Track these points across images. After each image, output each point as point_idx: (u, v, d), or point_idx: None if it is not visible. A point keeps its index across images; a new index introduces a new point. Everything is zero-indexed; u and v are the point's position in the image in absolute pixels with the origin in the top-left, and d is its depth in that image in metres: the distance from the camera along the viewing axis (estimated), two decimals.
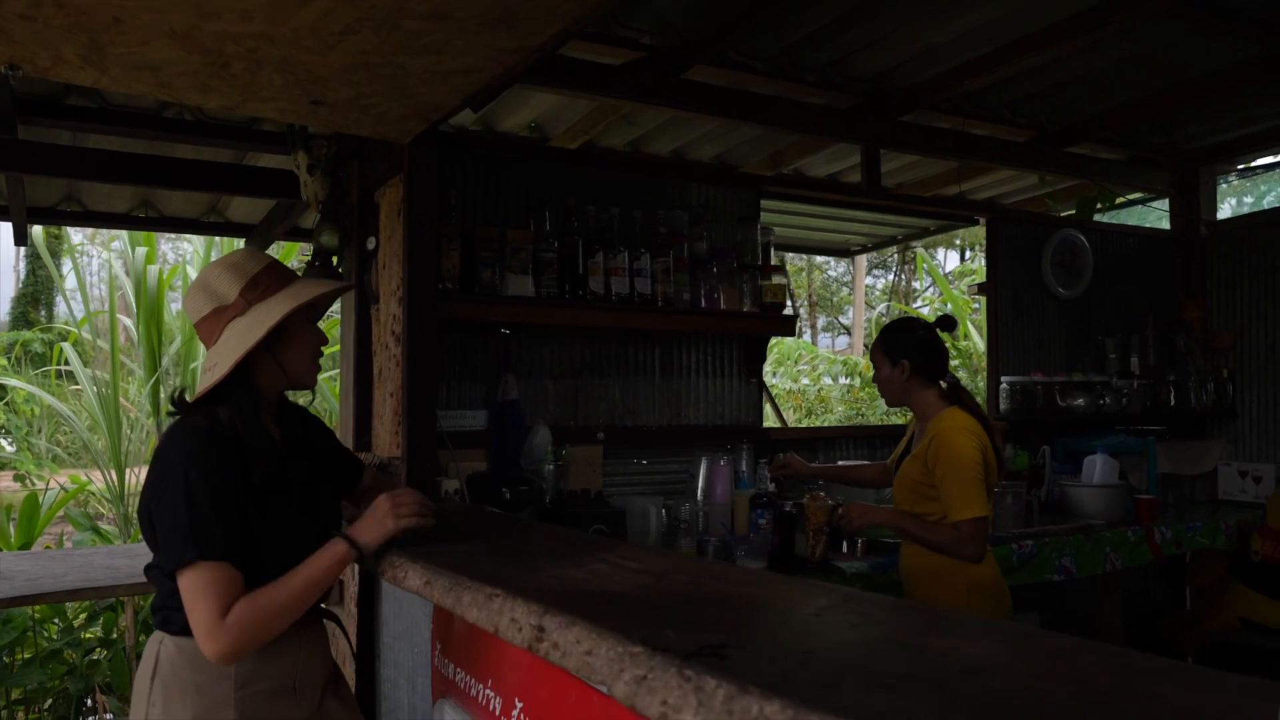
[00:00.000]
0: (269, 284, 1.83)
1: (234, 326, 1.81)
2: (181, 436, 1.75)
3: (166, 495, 1.68)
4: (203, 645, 1.64)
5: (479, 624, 1.48)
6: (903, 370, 2.82)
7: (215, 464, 1.70)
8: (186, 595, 1.65)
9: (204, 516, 1.65)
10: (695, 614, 1.30)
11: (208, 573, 1.64)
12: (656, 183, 3.75)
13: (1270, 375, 5.00)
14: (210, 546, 1.64)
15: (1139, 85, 4.32)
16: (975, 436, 2.71)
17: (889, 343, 2.87)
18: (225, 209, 4.36)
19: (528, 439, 3.18)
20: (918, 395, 2.83)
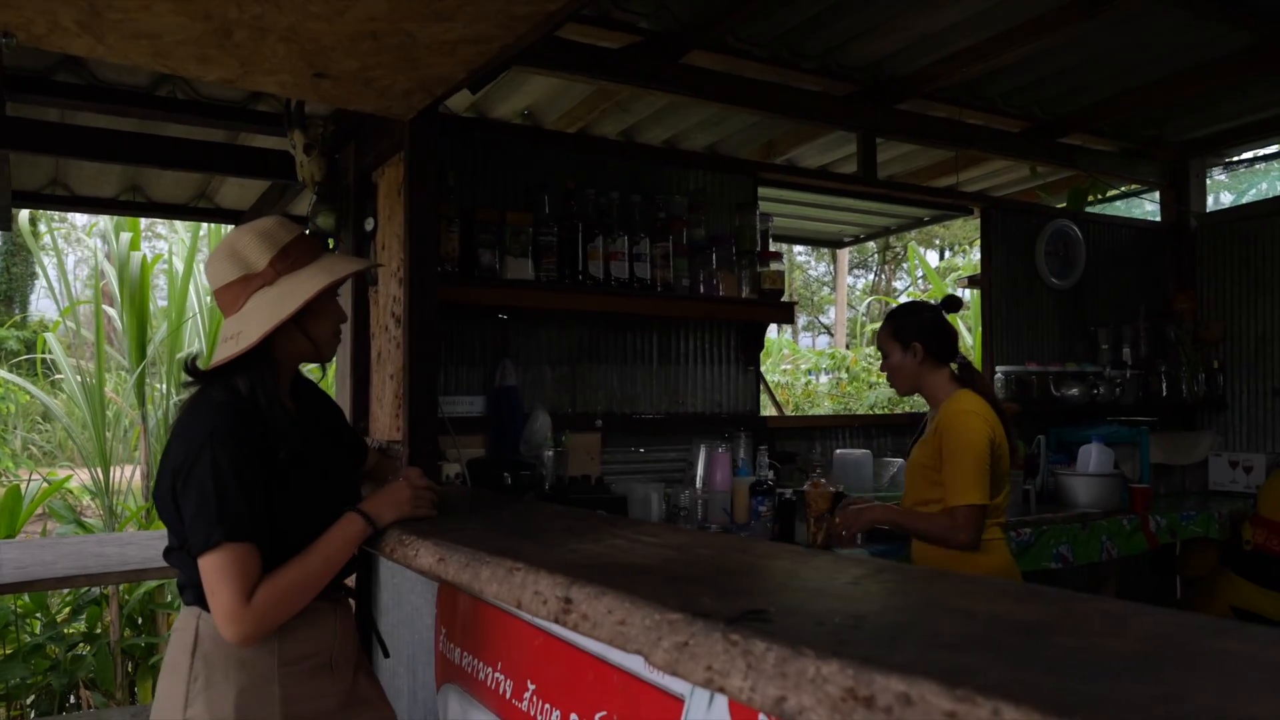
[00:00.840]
0: (299, 255, 1.80)
1: (262, 295, 1.77)
2: (205, 411, 1.70)
3: (193, 474, 1.63)
4: (224, 627, 1.61)
5: (499, 599, 1.44)
6: (915, 354, 2.77)
7: (241, 441, 1.66)
8: (209, 577, 1.61)
9: (231, 496, 1.62)
10: (728, 583, 1.27)
11: (233, 554, 1.61)
12: (653, 168, 3.71)
13: (1260, 366, 5.03)
14: (237, 528, 1.61)
15: (1132, 75, 4.33)
16: (984, 420, 2.66)
17: (899, 326, 2.81)
18: (214, 194, 4.29)
19: (527, 425, 3.14)
20: (930, 379, 2.78)
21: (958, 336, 2.90)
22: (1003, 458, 2.72)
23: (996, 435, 2.68)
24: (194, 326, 5.80)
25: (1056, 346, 4.91)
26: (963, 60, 3.90)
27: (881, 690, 0.82)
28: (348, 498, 1.91)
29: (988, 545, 2.71)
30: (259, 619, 1.62)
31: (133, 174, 4.00)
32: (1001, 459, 2.71)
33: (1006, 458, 2.74)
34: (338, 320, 1.89)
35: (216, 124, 3.07)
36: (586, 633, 1.23)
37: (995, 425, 2.70)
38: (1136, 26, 3.82)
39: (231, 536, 1.59)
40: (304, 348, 1.84)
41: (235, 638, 1.62)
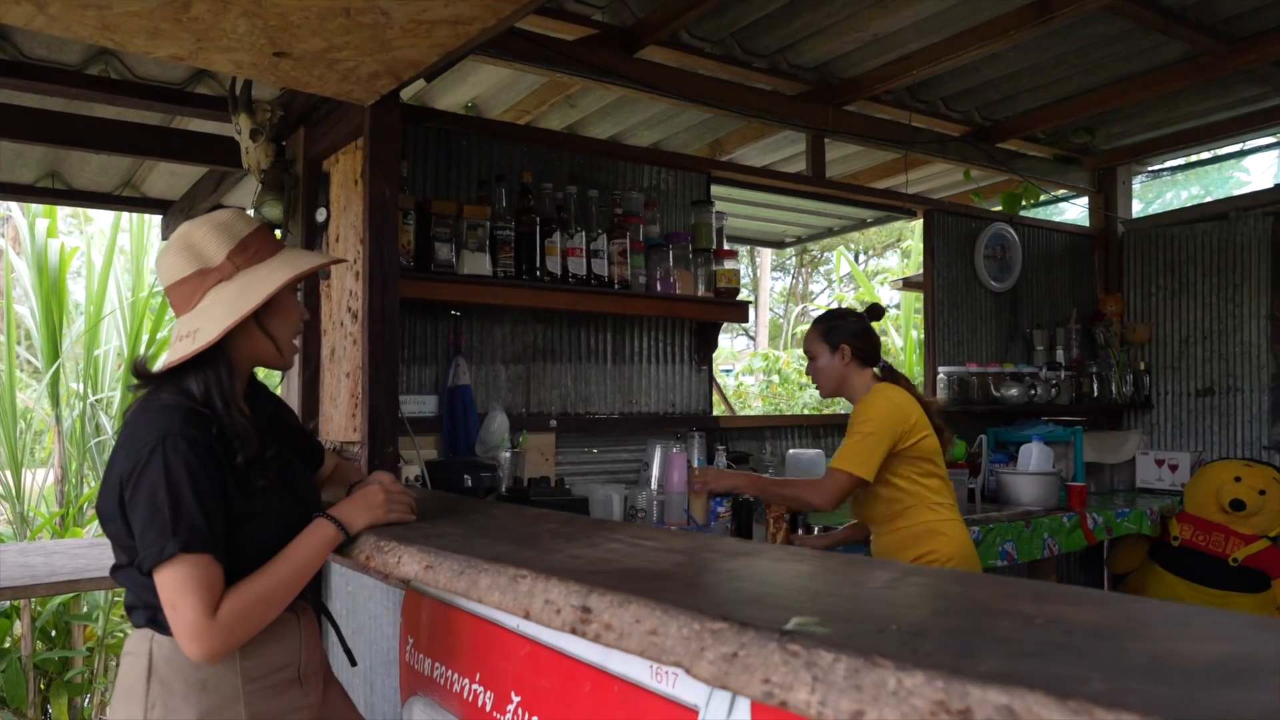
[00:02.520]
0: (259, 248, 1.68)
1: (219, 291, 1.64)
2: (155, 415, 1.57)
3: (142, 482, 1.51)
4: (187, 646, 1.48)
5: (503, 609, 1.35)
6: (843, 356, 2.85)
7: (194, 444, 1.54)
8: (166, 592, 1.48)
9: (185, 505, 1.49)
10: (754, 589, 1.21)
11: (191, 568, 1.48)
12: (607, 164, 3.65)
13: (1183, 368, 5.21)
14: (193, 538, 1.48)
15: (1069, 83, 4.44)
16: (891, 402, 2.73)
17: (828, 329, 2.89)
18: (141, 182, 4.06)
19: (483, 425, 3.04)
20: (854, 381, 2.86)
21: (880, 343, 2.95)
22: (927, 441, 2.75)
23: (913, 419, 2.73)
24: (113, 323, 5.49)
25: (994, 348, 5.00)
26: (915, 62, 3.94)
27: (979, 703, 0.77)
28: (310, 504, 1.80)
29: (943, 527, 2.74)
30: (226, 634, 1.50)
31: (53, 159, 3.76)
32: (926, 443, 2.75)
33: (933, 443, 2.78)
34: (299, 319, 1.78)
35: (153, 106, 2.88)
36: (611, 644, 1.16)
37: (911, 410, 2.75)
38: (1081, 34, 3.90)
39: (187, 547, 1.47)
40: (264, 348, 1.72)
41: (201, 655, 1.49)
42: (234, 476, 1.60)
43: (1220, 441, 5.06)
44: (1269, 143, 6.25)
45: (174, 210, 4.22)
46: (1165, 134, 5.18)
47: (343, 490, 2.02)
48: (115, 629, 4.64)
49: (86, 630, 4.65)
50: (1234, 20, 3.85)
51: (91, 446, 5.14)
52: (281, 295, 1.69)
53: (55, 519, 4.92)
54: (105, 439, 5.23)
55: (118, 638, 4.67)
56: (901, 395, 2.76)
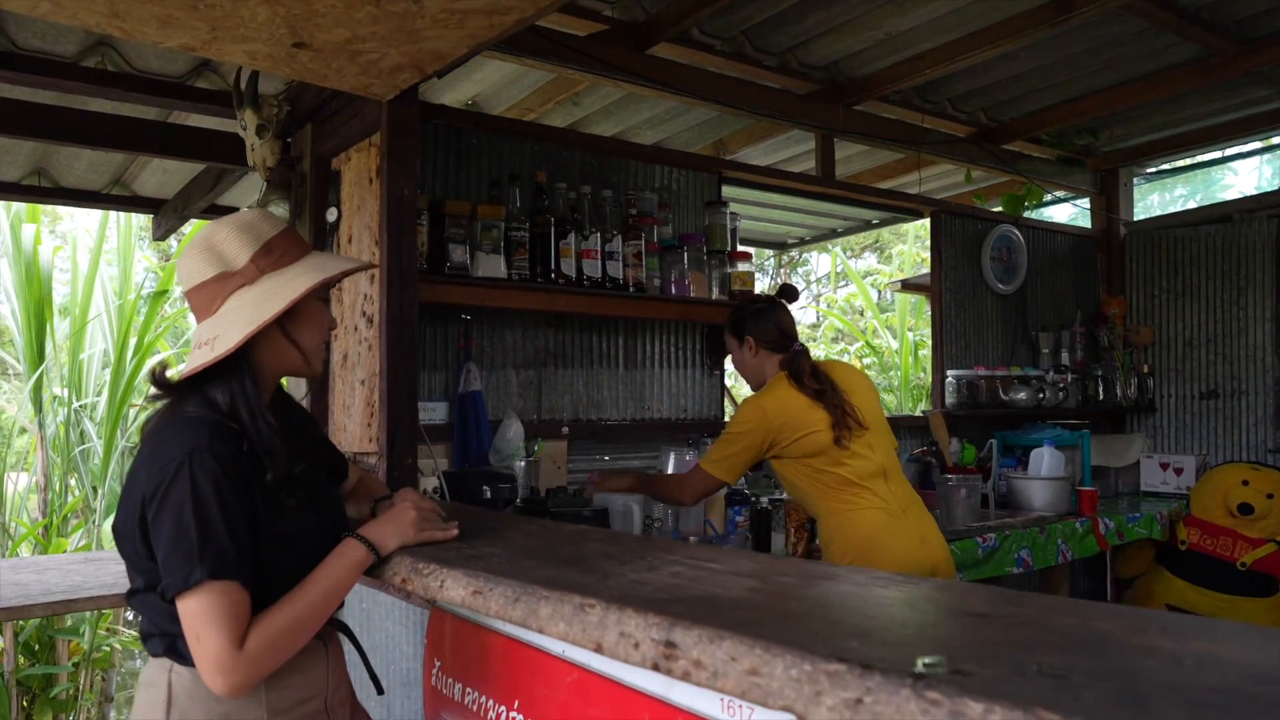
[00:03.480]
0: (285, 251, 1.58)
1: (241, 296, 1.54)
2: (181, 429, 1.46)
3: (168, 501, 1.39)
4: (212, 680, 1.38)
5: (568, 640, 1.26)
6: (750, 347, 2.79)
7: (223, 461, 1.43)
8: (191, 622, 1.37)
9: (214, 527, 1.39)
10: (858, 621, 1.12)
11: (218, 596, 1.37)
12: (617, 162, 3.55)
13: (1187, 371, 5.18)
14: (221, 564, 1.38)
15: (1077, 84, 4.40)
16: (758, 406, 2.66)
17: (732, 323, 2.84)
18: (132, 180, 3.91)
19: (498, 432, 2.94)
20: (767, 369, 2.79)
21: (792, 324, 2.84)
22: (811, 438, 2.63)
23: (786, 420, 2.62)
24: (99, 326, 5.32)
25: (1000, 351, 4.94)
26: (928, 61, 3.87)
27: None
28: (338, 523, 1.69)
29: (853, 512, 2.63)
30: (253, 666, 1.39)
31: (40, 155, 3.61)
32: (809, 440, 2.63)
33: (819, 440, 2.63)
34: (326, 326, 1.67)
35: (151, 100, 2.75)
36: (703, 684, 1.06)
37: (789, 410, 2.64)
38: (1095, 34, 3.85)
39: (216, 574, 1.36)
40: (290, 358, 1.61)
41: (226, 690, 1.38)
42: (263, 496, 1.49)
43: (1225, 445, 5.03)
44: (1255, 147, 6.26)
45: (166, 210, 4.08)
46: (1167, 136, 5.15)
47: (367, 506, 1.91)
48: (101, 643, 4.49)
49: (71, 645, 4.49)
50: (1247, 21, 3.81)
51: (76, 455, 4.98)
52: (307, 301, 1.58)
53: (38, 530, 4.76)
54: (90, 446, 5.07)
55: (104, 652, 4.53)
56: (780, 394, 2.65)
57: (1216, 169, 10.29)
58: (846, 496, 2.65)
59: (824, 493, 2.66)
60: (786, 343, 2.79)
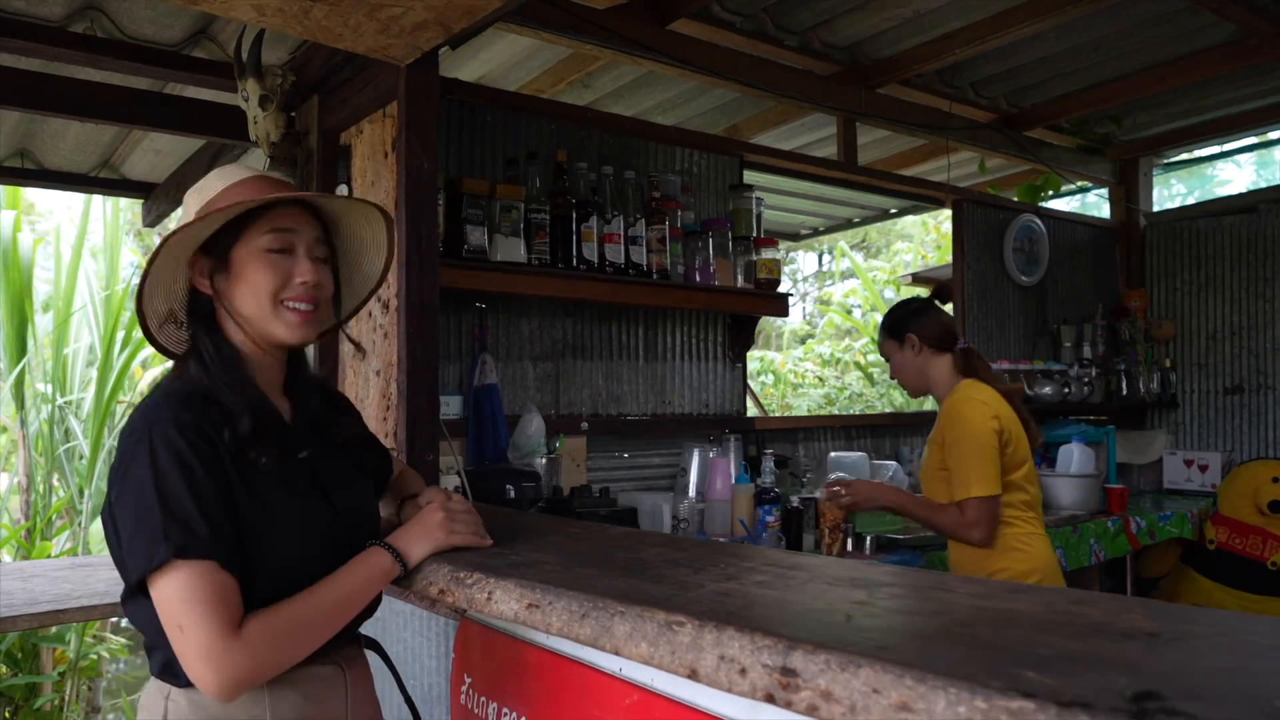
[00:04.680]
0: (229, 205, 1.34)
1: None
2: (148, 402, 1.29)
3: (128, 480, 1.20)
4: (201, 675, 1.16)
5: (653, 663, 1.08)
6: (912, 346, 2.62)
7: (186, 430, 1.23)
8: (170, 611, 1.16)
9: (178, 502, 1.18)
10: (1018, 641, 0.94)
11: (194, 577, 1.16)
12: (637, 144, 3.37)
13: (1210, 365, 5.04)
14: (191, 541, 1.16)
15: (1105, 68, 4.26)
16: (984, 406, 2.49)
17: (891, 324, 2.69)
18: (122, 162, 3.69)
19: (518, 428, 2.76)
20: (933, 371, 2.62)
21: (954, 324, 2.70)
22: (1018, 444, 2.52)
23: (1003, 422, 2.49)
24: (84, 319, 5.09)
25: (1022, 344, 4.79)
26: (957, 41, 3.71)
27: None
28: (352, 521, 1.47)
29: (1019, 541, 2.50)
30: (250, 657, 1.17)
31: (23, 135, 3.39)
32: (1016, 446, 2.52)
33: (1024, 443, 2.55)
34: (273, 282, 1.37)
35: (144, 70, 2.55)
36: (835, 718, 0.89)
37: (1001, 410, 2.51)
38: (1129, 13, 3.71)
39: (183, 552, 1.15)
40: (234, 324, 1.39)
41: (218, 688, 1.16)
42: (237, 467, 1.27)
43: (1250, 441, 4.90)
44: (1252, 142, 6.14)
45: (157, 194, 3.86)
46: (1189, 124, 5.02)
47: (394, 505, 1.72)
48: (88, 651, 4.28)
49: (56, 653, 4.27)
50: None
51: (60, 453, 4.75)
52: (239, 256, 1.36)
53: (21, 532, 4.54)
54: (76, 445, 4.85)
55: (91, 660, 4.31)
56: (988, 394, 2.51)
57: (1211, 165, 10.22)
58: (1026, 516, 2.52)
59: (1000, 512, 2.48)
60: (951, 341, 2.63)
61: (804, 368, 8.76)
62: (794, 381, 8.58)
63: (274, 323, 1.38)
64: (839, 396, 8.31)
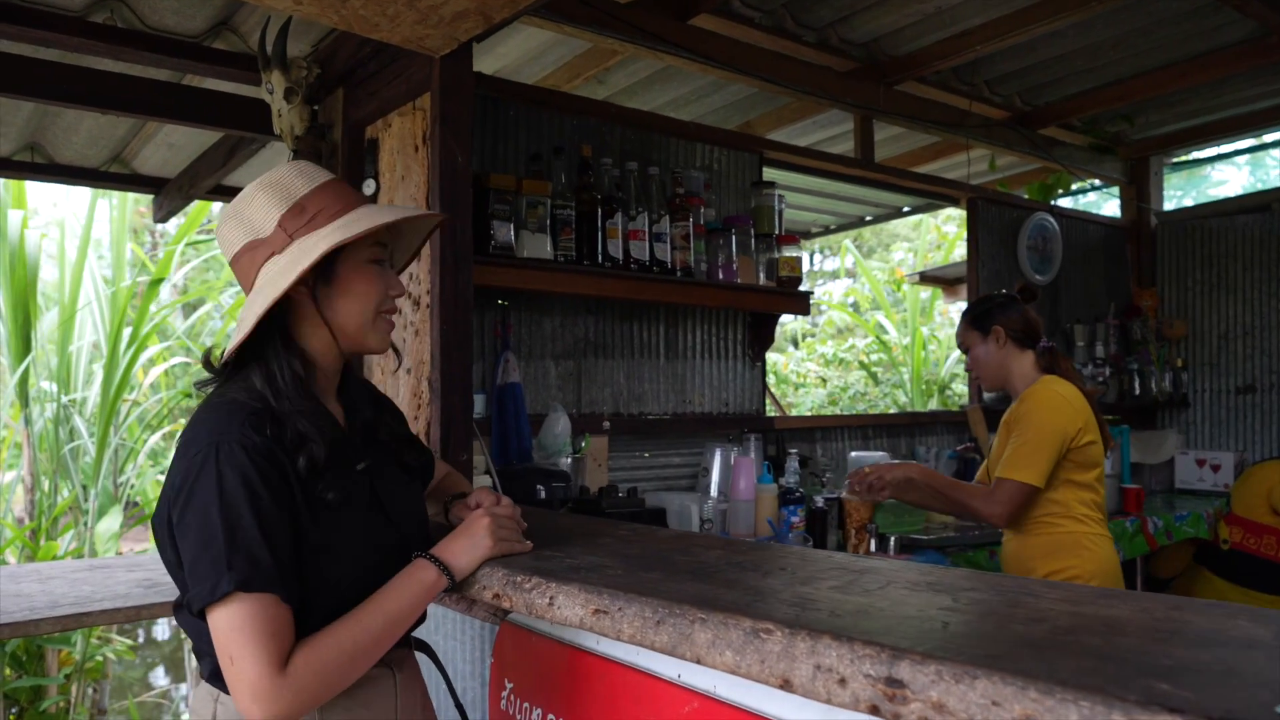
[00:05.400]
0: (321, 209, 1.32)
1: (271, 267, 1.31)
2: (211, 416, 1.23)
3: (192, 500, 1.17)
4: (247, 709, 1.13)
5: (739, 672, 1.04)
6: (997, 339, 2.59)
7: (255, 454, 1.19)
8: (223, 640, 1.14)
9: (244, 531, 1.15)
10: (1129, 651, 0.90)
11: (253, 611, 1.14)
12: (659, 139, 3.33)
13: (1222, 365, 5.02)
14: (254, 574, 1.14)
15: (1122, 65, 4.23)
16: (1069, 404, 2.46)
17: (976, 316, 2.65)
18: (133, 157, 3.63)
19: (544, 427, 2.71)
20: (1015, 366, 2.59)
21: (1039, 321, 2.66)
22: (1094, 448, 2.50)
23: (1084, 422, 2.47)
24: (88, 316, 5.02)
25: None
26: (977, 38, 3.68)
27: None
28: (407, 534, 1.43)
29: (1089, 541, 2.48)
30: (296, 695, 1.15)
31: (35, 129, 3.33)
32: (1093, 449, 2.49)
33: (1101, 447, 2.53)
34: (377, 293, 1.38)
35: (165, 62, 2.50)
36: None
37: (1084, 411, 2.49)
38: (1150, 9, 3.68)
39: (247, 585, 1.13)
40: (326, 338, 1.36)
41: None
42: (304, 493, 1.24)
43: (1262, 441, 4.88)
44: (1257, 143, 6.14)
45: (169, 189, 3.80)
46: (1200, 124, 5.00)
47: (439, 506, 1.68)
48: (94, 653, 4.22)
49: (62, 655, 4.21)
50: None
51: (65, 452, 4.68)
52: (349, 266, 1.33)
53: (26, 533, 4.47)
54: (80, 443, 4.78)
55: (97, 662, 4.26)
56: (1070, 390, 2.48)
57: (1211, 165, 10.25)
58: (1096, 518, 2.50)
59: (1070, 507, 2.46)
60: (1036, 338, 2.61)
61: (806, 368, 8.74)
62: (795, 382, 8.55)
63: (371, 333, 1.38)
64: (842, 396, 8.28)
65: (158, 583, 2.42)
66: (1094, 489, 2.52)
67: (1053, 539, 2.48)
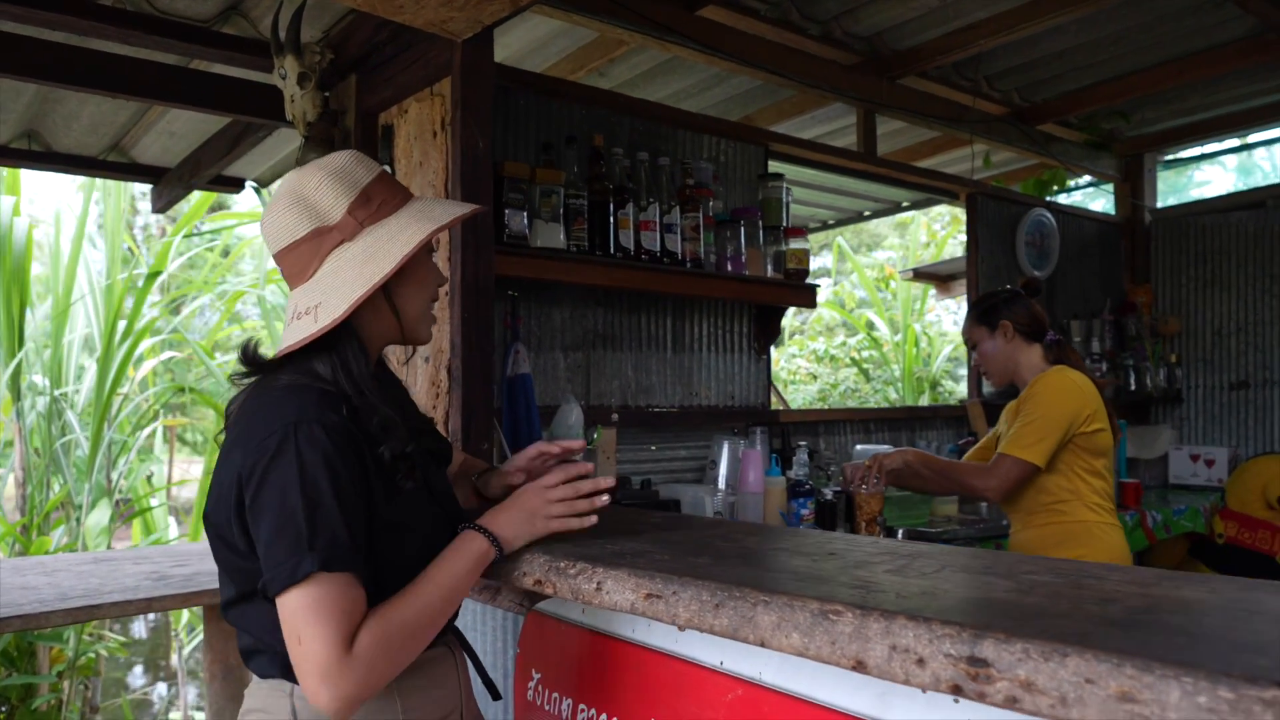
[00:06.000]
0: (384, 199, 1.33)
1: (341, 254, 1.29)
2: (282, 398, 1.22)
3: (269, 481, 1.15)
4: (315, 690, 1.12)
5: (807, 654, 1.02)
6: (1005, 333, 2.62)
7: (334, 434, 1.19)
8: (294, 620, 1.13)
9: (326, 510, 1.15)
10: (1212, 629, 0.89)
11: (329, 589, 1.13)
12: (667, 131, 3.31)
13: (1216, 361, 5.06)
14: (336, 554, 1.14)
15: (1122, 62, 4.25)
16: (1080, 390, 2.49)
17: (983, 311, 2.69)
18: (133, 145, 3.57)
19: (556, 418, 2.69)
20: (1023, 360, 2.62)
21: (1045, 315, 2.68)
22: (1103, 435, 2.52)
23: (1094, 409, 2.50)
24: (82, 308, 4.94)
25: None
26: (982, 31, 3.68)
27: None
28: (451, 512, 1.44)
29: (1099, 530, 2.49)
30: (365, 673, 1.14)
31: (34, 115, 3.27)
32: (1101, 437, 2.52)
33: (1110, 436, 2.55)
34: (435, 285, 1.41)
35: (174, 46, 2.45)
36: (1041, 712, 0.84)
37: (1094, 399, 2.52)
38: (1151, 6, 3.70)
39: (329, 565, 1.13)
40: (390, 326, 1.36)
41: (332, 702, 1.12)
42: (378, 476, 1.25)
43: (1256, 436, 4.92)
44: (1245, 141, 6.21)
45: (168, 179, 3.75)
46: (1194, 121, 5.04)
47: (467, 485, 1.67)
48: (86, 649, 4.15)
49: (54, 652, 4.14)
50: None
51: (57, 447, 4.61)
52: (414, 258, 1.33)
53: (18, 528, 4.40)
54: (73, 438, 4.71)
55: (88, 659, 4.19)
56: (1081, 377, 2.52)
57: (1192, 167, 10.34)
58: (1106, 507, 2.54)
59: (1082, 495, 2.49)
60: (1042, 331, 2.65)
61: (796, 364, 8.76)
62: (786, 378, 8.56)
63: (423, 322, 1.40)
64: (832, 393, 8.30)
65: (166, 575, 2.39)
66: (1104, 478, 2.54)
67: (1064, 528, 2.49)
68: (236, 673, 2.51)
